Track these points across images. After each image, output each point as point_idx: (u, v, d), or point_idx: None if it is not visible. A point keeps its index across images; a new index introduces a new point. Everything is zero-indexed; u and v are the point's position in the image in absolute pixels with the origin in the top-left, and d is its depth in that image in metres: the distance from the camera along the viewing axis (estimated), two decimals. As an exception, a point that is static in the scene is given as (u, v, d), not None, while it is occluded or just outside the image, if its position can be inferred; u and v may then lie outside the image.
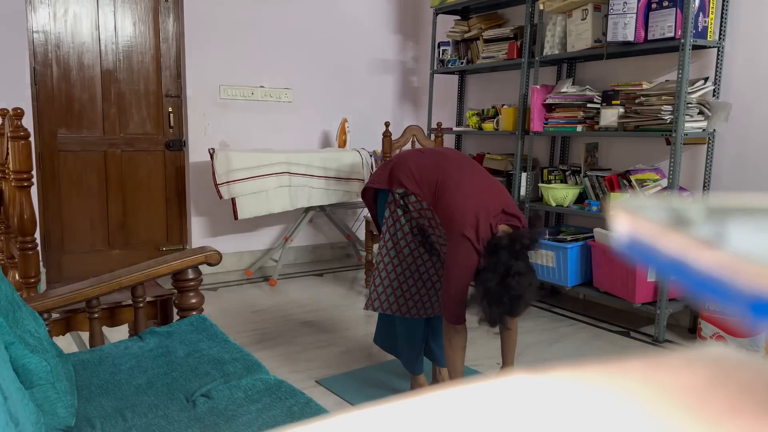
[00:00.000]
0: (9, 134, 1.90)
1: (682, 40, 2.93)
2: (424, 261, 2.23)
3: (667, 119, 3.03)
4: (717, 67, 3.12)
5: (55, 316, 1.82)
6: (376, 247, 4.12)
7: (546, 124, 3.67)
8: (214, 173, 3.87)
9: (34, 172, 1.94)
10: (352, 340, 3.07)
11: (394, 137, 3.94)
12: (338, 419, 0.20)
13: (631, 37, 3.10)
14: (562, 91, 3.60)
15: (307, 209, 4.31)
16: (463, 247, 1.95)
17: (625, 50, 3.32)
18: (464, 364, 2.19)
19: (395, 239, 2.21)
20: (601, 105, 3.38)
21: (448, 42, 4.49)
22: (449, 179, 2.06)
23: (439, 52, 4.53)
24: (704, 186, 3.19)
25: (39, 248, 2.03)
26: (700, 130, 3.09)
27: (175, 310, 1.97)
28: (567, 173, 3.70)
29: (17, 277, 1.99)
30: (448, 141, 4.71)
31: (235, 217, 3.97)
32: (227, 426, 1.33)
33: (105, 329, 2.01)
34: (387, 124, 3.96)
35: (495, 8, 4.32)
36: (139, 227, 4.30)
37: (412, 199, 2.13)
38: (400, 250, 2.21)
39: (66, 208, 4.05)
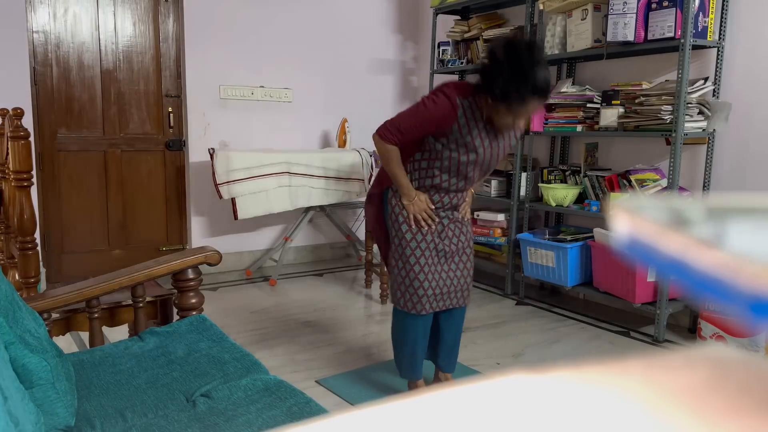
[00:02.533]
0: (9, 134, 1.90)
1: (682, 40, 2.93)
2: (436, 252, 2.24)
3: (667, 119, 3.03)
4: (717, 67, 3.12)
5: (55, 316, 1.82)
6: (376, 247, 4.12)
7: (546, 124, 3.67)
8: (214, 173, 3.87)
9: (34, 172, 1.94)
10: (352, 340, 3.07)
11: (394, 137, 3.94)
12: (338, 419, 0.20)
13: (631, 37, 3.10)
14: (562, 91, 3.60)
15: (307, 209, 4.31)
16: (437, 97, 2.04)
17: (625, 50, 3.32)
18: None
19: (400, 234, 2.22)
20: (601, 105, 3.38)
21: (448, 42, 4.49)
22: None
23: (439, 52, 4.53)
24: (704, 186, 3.19)
25: (39, 248, 2.03)
26: (700, 130, 3.09)
27: (175, 310, 1.97)
28: (567, 173, 3.70)
29: (17, 277, 1.99)
30: (448, 141, 4.70)
31: (235, 217, 3.97)
32: (227, 426, 1.33)
33: (105, 329, 2.01)
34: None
35: (495, 8, 4.32)
36: (139, 227, 4.30)
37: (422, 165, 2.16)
38: (407, 244, 2.21)
39: (66, 208, 4.05)
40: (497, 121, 2.05)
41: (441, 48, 4.51)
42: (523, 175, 3.82)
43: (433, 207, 2.21)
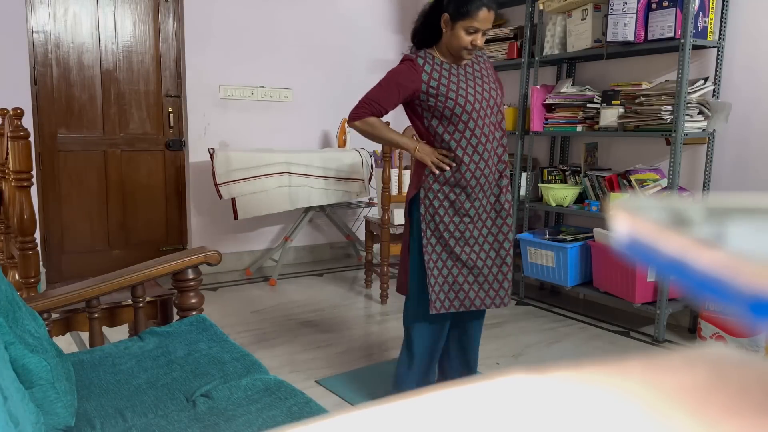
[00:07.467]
0: (9, 134, 1.90)
1: (682, 40, 2.93)
2: (472, 244, 2.17)
3: (667, 119, 3.03)
4: (717, 67, 3.12)
5: (55, 316, 1.82)
6: (376, 247, 4.12)
7: (546, 124, 3.67)
8: (214, 173, 3.87)
9: (34, 172, 1.94)
10: (352, 340, 3.07)
11: (394, 137, 3.94)
12: (338, 419, 0.20)
13: (631, 37, 3.10)
14: (562, 91, 3.60)
15: (307, 209, 4.31)
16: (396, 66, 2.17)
17: (625, 50, 3.32)
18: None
19: (438, 232, 2.15)
20: (601, 105, 3.38)
21: (448, 42, 4.48)
22: None
23: (439, 52, 4.52)
24: (704, 186, 3.19)
25: (39, 248, 2.03)
26: (700, 130, 3.09)
27: (175, 310, 1.97)
28: (567, 173, 3.70)
29: (17, 277, 1.99)
30: (448, 141, 4.70)
31: (235, 217, 3.97)
32: (227, 426, 1.33)
33: (105, 329, 2.01)
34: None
35: (495, 8, 4.32)
36: (139, 227, 4.30)
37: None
38: (445, 242, 2.14)
39: (66, 208, 4.05)
40: (456, 45, 2.06)
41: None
42: (523, 175, 3.82)
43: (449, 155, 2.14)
